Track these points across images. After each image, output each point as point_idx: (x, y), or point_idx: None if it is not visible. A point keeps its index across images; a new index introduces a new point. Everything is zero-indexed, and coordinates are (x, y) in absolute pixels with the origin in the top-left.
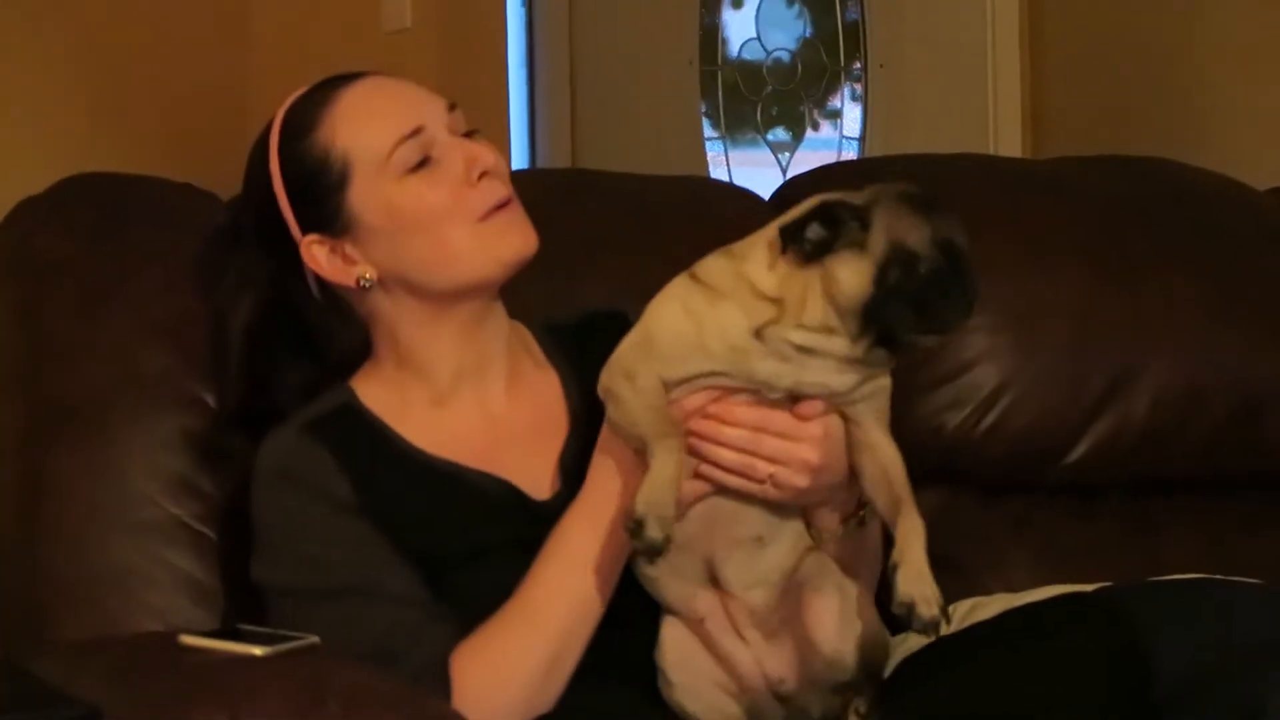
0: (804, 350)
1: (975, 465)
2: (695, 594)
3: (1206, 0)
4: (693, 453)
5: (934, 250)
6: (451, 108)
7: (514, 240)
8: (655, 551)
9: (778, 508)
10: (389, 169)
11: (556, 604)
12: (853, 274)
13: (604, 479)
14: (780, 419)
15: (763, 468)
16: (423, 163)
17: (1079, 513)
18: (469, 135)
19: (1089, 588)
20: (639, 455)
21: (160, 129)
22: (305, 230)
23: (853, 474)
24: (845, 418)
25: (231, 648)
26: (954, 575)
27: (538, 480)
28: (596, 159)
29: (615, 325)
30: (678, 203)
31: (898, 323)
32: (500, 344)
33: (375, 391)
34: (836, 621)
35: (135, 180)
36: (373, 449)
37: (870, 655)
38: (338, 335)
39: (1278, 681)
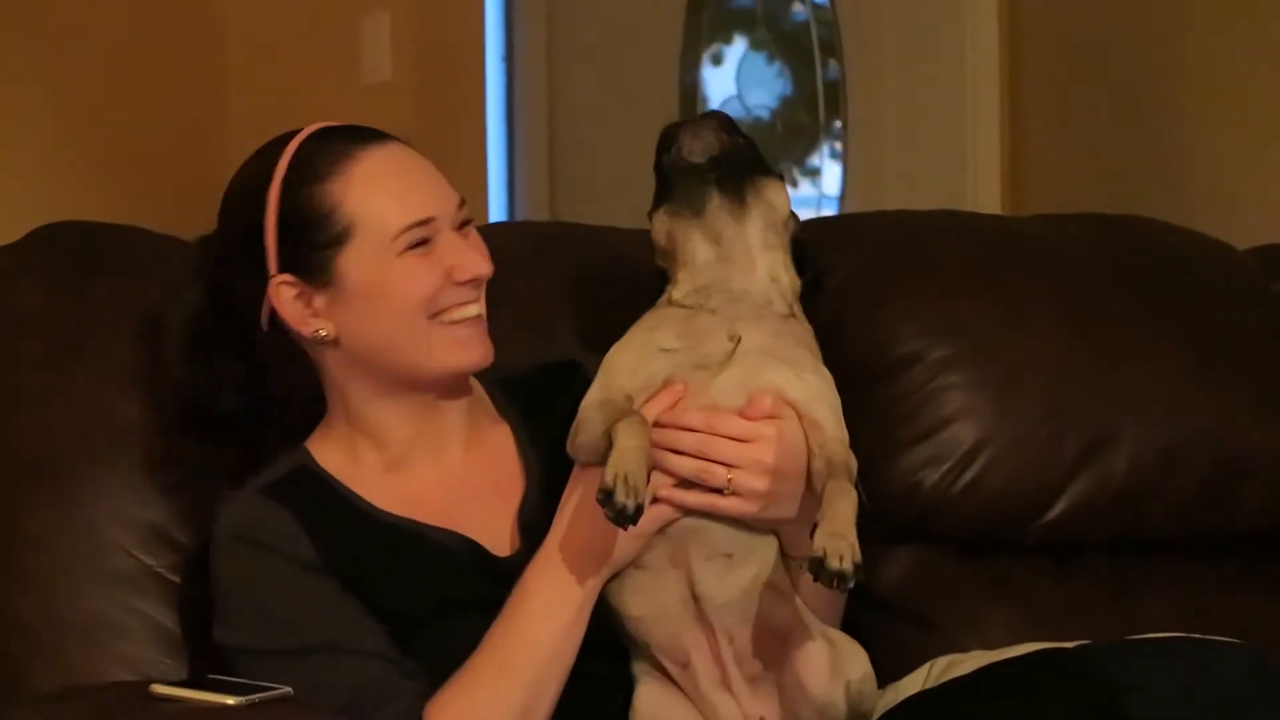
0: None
1: (952, 523)
2: (681, 633)
3: (1189, 57)
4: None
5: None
6: (461, 204)
7: (474, 353)
8: (626, 518)
9: (747, 526)
10: (391, 245)
11: (526, 652)
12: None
13: (568, 525)
14: (731, 421)
15: (720, 472)
16: (422, 242)
17: (1056, 572)
18: (465, 225)
19: (1066, 646)
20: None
21: (138, 179)
22: (282, 268)
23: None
24: (800, 414)
25: (204, 697)
26: (930, 633)
27: (498, 537)
28: (575, 213)
29: (570, 375)
30: None
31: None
32: (458, 414)
33: (330, 453)
34: (827, 666)
35: (110, 229)
36: (332, 509)
37: (858, 702)
38: (283, 368)
39: None
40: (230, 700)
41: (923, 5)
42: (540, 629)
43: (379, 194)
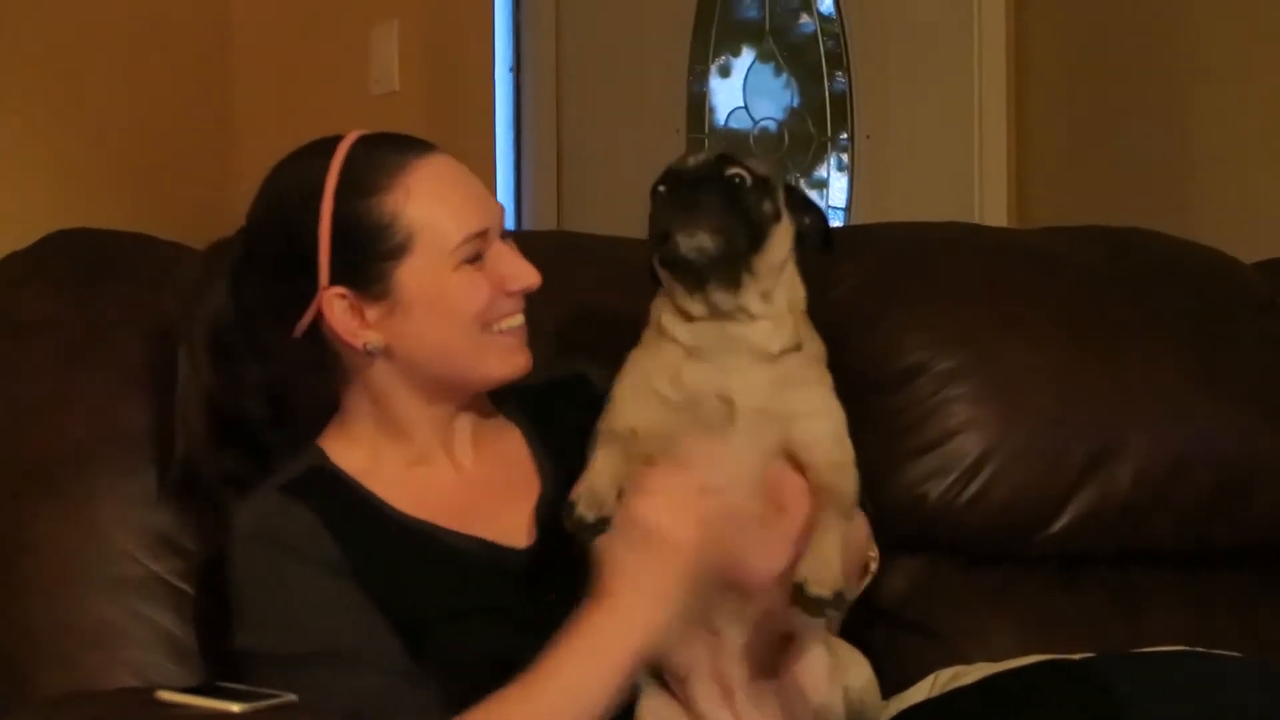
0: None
1: (958, 534)
2: (680, 646)
3: (1195, 72)
4: None
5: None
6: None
7: (519, 361)
8: (585, 528)
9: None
10: (450, 258)
11: (566, 703)
12: None
13: (625, 574)
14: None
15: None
16: (477, 254)
17: (1062, 583)
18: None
19: (1072, 658)
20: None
21: (148, 188)
22: (334, 280)
23: None
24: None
25: (209, 704)
26: (935, 644)
27: (513, 534)
28: (582, 223)
29: (579, 387)
30: None
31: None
32: (473, 418)
33: (348, 453)
34: (826, 672)
35: (119, 237)
36: (350, 507)
37: (859, 710)
38: (307, 375)
39: None
40: (235, 708)
41: (930, 18)
42: (586, 680)
43: (437, 206)
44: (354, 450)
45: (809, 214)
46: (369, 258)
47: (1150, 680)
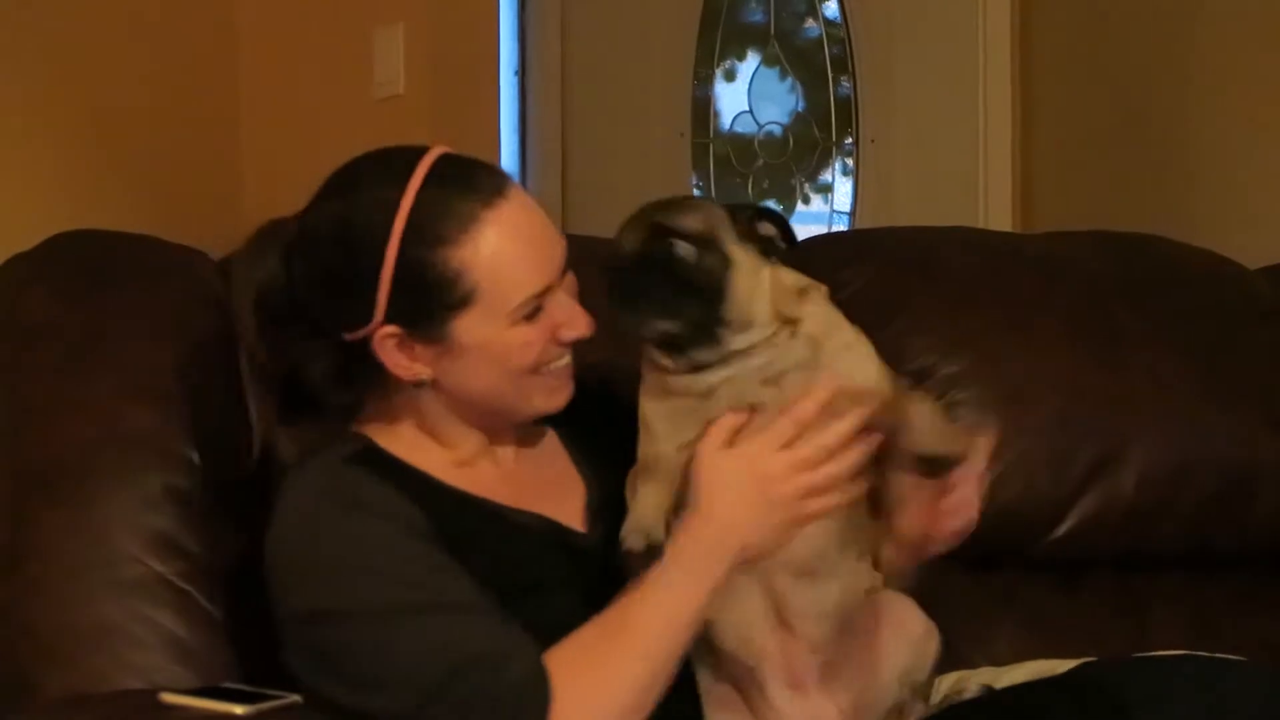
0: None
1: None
2: (753, 638)
3: (1199, 76)
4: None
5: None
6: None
7: (562, 396)
8: (638, 559)
9: (837, 539)
10: (509, 315)
11: (654, 623)
12: None
13: (709, 505)
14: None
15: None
16: (535, 311)
17: (1065, 587)
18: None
19: (1074, 662)
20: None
21: (152, 190)
22: (390, 320)
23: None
24: None
25: (212, 706)
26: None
27: (571, 521)
28: (587, 227)
29: (592, 388)
30: None
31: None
32: (515, 427)
33: (393, 442)
34: (923, 627)
35: (122, 238)
36: (415, 486)
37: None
38: (351, 372)
39: None
40: (239, 709)
41: (935, 23)
42: (672, 601)
43: (503, 265)
44: (397, 442)
45: (763, 222)
46: (428, 307)
47: (1153, 684)
